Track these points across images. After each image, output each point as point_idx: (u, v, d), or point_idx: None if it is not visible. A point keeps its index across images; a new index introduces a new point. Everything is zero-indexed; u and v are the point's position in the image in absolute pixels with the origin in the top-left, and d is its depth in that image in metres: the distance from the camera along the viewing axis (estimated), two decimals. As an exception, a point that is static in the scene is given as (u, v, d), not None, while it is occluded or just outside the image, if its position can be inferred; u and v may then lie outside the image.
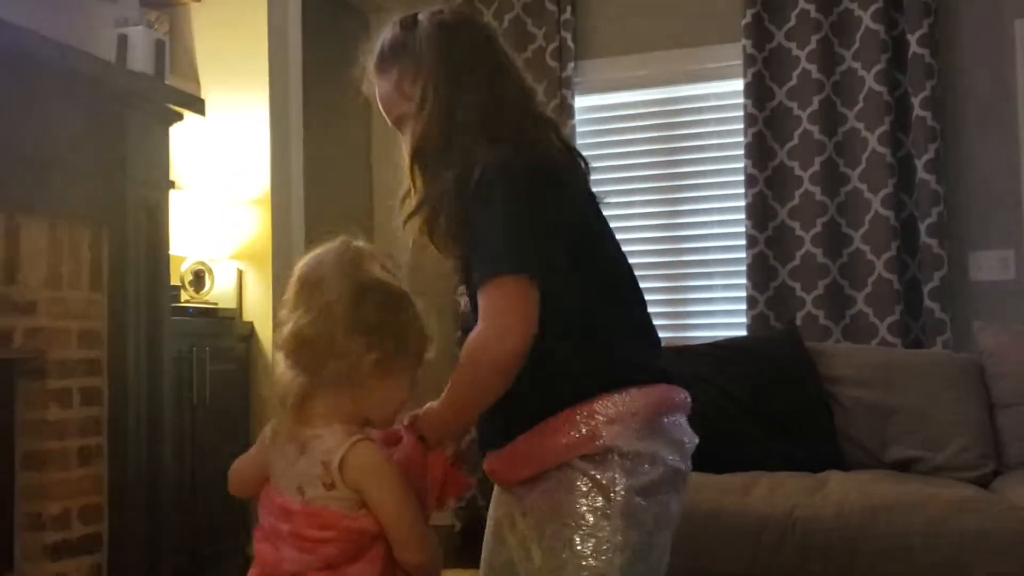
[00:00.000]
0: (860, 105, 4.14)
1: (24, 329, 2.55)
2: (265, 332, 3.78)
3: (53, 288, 2.65)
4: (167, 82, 3.02)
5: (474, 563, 1.71)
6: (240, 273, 3.80)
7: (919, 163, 4.00)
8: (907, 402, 3.01)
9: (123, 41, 2.84)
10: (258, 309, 3.79)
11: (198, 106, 3.11)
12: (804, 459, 2.90)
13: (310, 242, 4.22)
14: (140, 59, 2.86)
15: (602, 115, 4.61)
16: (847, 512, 2.43)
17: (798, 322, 4.14)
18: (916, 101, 4.01)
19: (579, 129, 4.52)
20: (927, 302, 3.96)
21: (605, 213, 1.59)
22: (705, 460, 1.65)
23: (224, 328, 3.61)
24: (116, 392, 2.80)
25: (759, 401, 2.99)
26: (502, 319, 1.36)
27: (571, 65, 4.48)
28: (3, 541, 2.63)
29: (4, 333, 2.50)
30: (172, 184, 3.03)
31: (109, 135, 2.80)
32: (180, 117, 3.04)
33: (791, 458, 2.90)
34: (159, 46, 2.92)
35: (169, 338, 2.98)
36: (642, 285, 1.64)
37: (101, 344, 2.79)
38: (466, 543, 4.38)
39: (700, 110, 4.49)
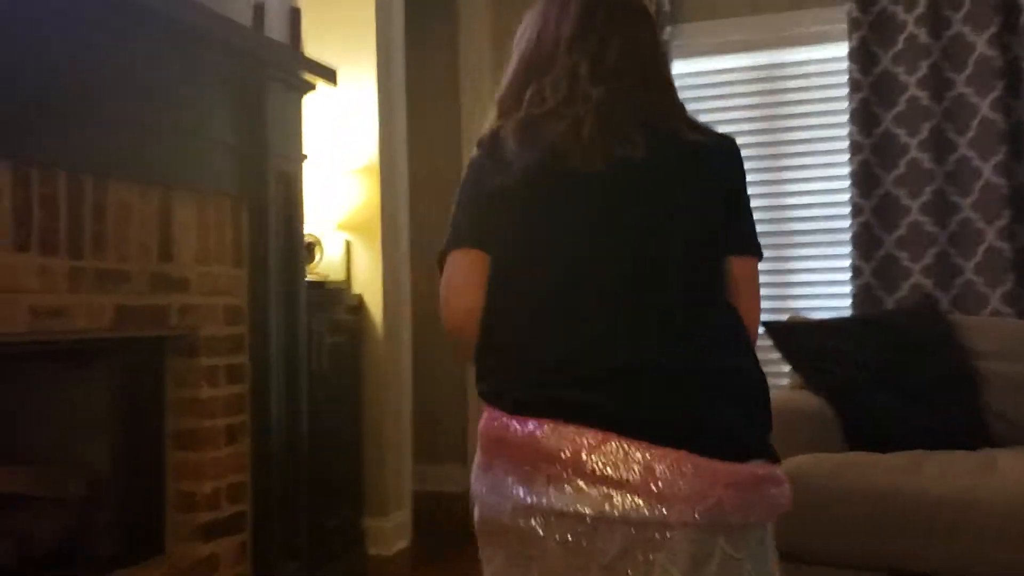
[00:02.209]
0: (970, 70, 4.04)
1: (179, 306, 2.50)
2: (374, 303, 3.73)
3: (203, 264, 2.60)
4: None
5: None
6: (348, 244, 3.74)
7: (1032, 129, 3.92)
8: (1053, 377, 2.96)
9: (259, 9, 2.76)
10: (366, 280, 3.74)
11: (330, 76, 3.03)
12: (952, 435, 2.85)
13: (414, 212, 4.21)
14: (276, 28, 2.78)
15: (701, 81, 4.52)
16: (1030, 494, 2.37)
17: (904, 292, 4.09)
18: (1029, 66, 3.91)
19: (681, 95, 4.41)
20: (1041, 272, 3.91)
21: None
22: (856, 437, 1.56)
23: (334, 300, 3.56)
24: (258, 369, 2.76)
25: (901, 375, 2.94)
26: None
27: (668, 29, 4.38)
28: (153, 522, 2.60)
29: (160, 310, 2.45)
30: (305, 157, 2.96)
31: (250, 106, 2.73)
32: (312, 87, 2.97)
33: (936, 434, 2.85)
34: (293, 14, 2.84)
35: (304, 314, 2.92)
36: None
37: (244, 320, 2.74)
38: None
39: (803, 75, 4.39)
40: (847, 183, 4.17)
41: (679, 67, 4.45)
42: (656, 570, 1.16)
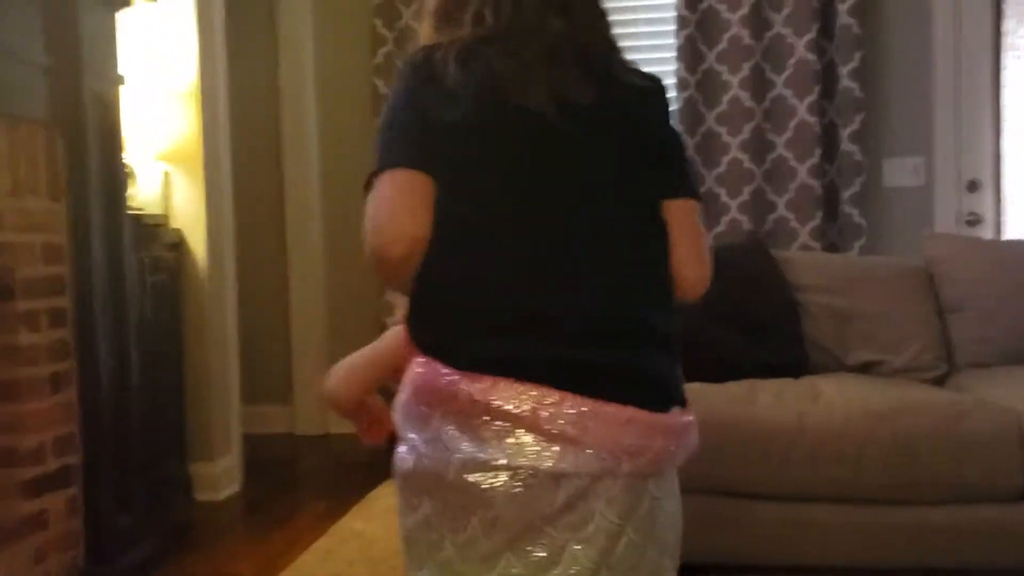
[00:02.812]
0: (788, 9, 4.18)
1: (-8, 245, 2.27)
2: (196, 239, 3.52)
3: (15, 198, 2.35)
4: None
5: None
6: (167, 176, 3.49)
7: (843, 70, 4.11)
8: (866, 308, 3.14)
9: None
10: (186, 215, 3.51)
11: (150, -10, 2.79)
12: (778, 365, 2.99)
13: (236, 142, 3.99)
14: (90, -65, 2.52)
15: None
16: (853, 418, 2.52)
17: (722, 227, 4.26)
18: (843, 7, 4.09)
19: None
20: (845, 207, 4.14)
21: None
22: (696, 369, 1.63)
23: (152, 236, 3.33)
24: (82, 312, 2.54)
25: (734, 309, 3.05)
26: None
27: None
28: (-30, 479, 2.38)
29: (-30, 250, 2.21)
30: (122, 79, 2.72)
31: (62, 21, 2.47)
32: (128, 2, 2.72)
33: (765, 364, 2.98)
34: (109, -79, 2.58)
35: (130, 251, 2.71)
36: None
37: (64, 259, 2.51)
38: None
39: (630, 9, 4.42)
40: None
41: None
42: (595, 516, 1.18)
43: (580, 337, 1.21)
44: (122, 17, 2.87)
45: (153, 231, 3.35)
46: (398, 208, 1.22)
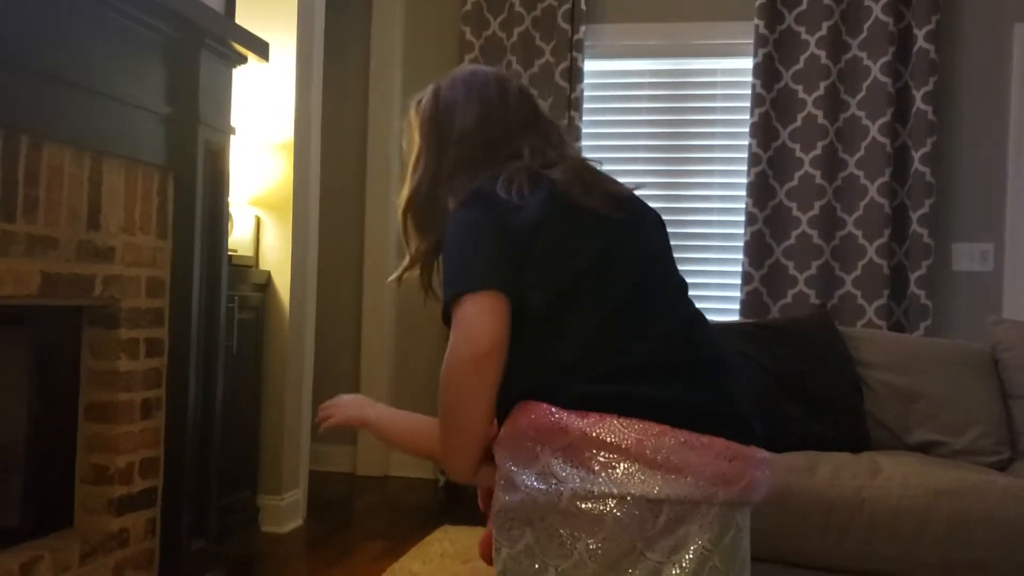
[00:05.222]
0: (863, 94, 4.28)
1: (104, 276, 2.44)
2: (281, 282, 3.69)
3: (129, 234, 2.53)
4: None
5: (459, 519, 1.77)
6: (258, 220, 3.68)
7: (915, 155, 4.18)
8: (930, 388, 3.18)
9: (196, -25, 2.69)
10: (274, 258, 3.70)
11: (263, 50, 2.98)
12: (838, 439, 3.04)
13: (323, 193, 4.18)
14: (210, -4, 2.72)
15: (611, 80, 4.63)
16: (911, 495, 2.56)
17: (788, 299, 4.32)
18: (918, 94, 4.17)
19: (587, 93, 4.53)
20: (912, 288, 4.18)
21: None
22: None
23: (242, 276, 3.51)
24: (176, 344, 2.71)
25: (798, 381, 3.11)
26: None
27: (583, 28, 4.47)
28: (64, 495, 2.53)
29: (86, 280, 2.38)
30: (233, 130, 2.91)
31: (182, 74, 2.67)
32: (244, 60, 2.92)
33: (827, 438, 3.03)
34: (229, -16, 2.79)
35: (225, 290, 2.88)
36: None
37: (165, 293, 2.69)
38: (451, 497, 4.44)
39: (708, 84, 4.55)
40: (743, 192, 4.35)
41: (590, 66, 4.55)
42: (689, 541, 1.31)
43: (666, 376, 1.37)
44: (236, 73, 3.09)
45: (244, 272, 3.53)
46: (483, 321, 1.38)
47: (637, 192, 1.60)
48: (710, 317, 1.61)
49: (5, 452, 2.44)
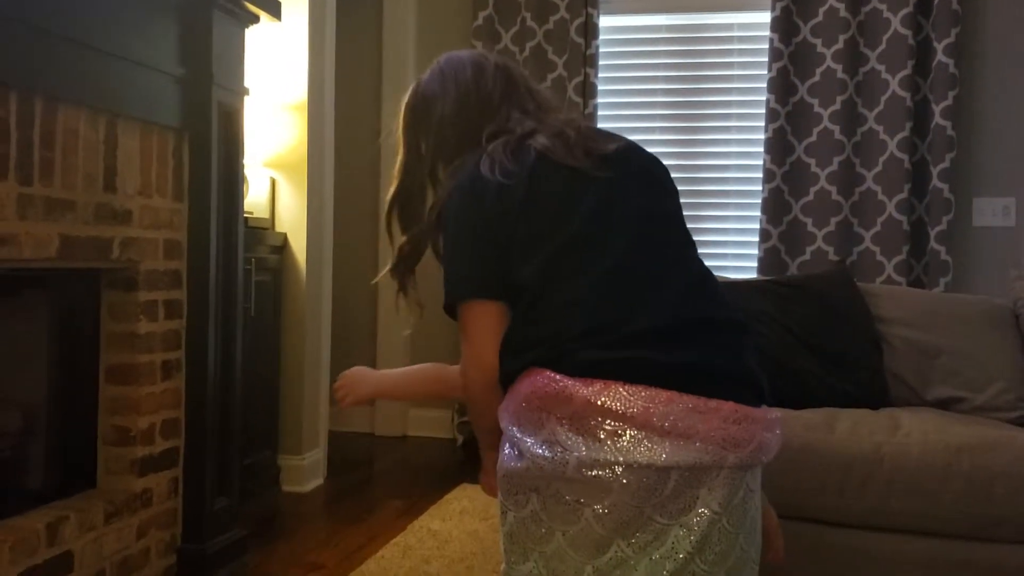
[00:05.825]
0: (883, 47, 4.22)
1: (121, 239, 2.44)
2: (298, 244, 3.69)
3: (145, 196, 2.53)
4: (248, -19, 2.86)
5: (477, 477, 1.79)
6: (273, 182, 3.68)
7: (936, 108, 4.13)
8: (950, 344, 3.16)
9: (207, -65, 2.67)
10: (290, 220, 3.69)
11: (275, 9, 2.96)
12: (857, 396, 3.03)
13: (338, 154, 4.18)
14: (223, -45, 2.69)
15: (626, 36, 4.58)
16: (931, 451, 2.56)
17: (807, 256, 4.30)
18: (939, 46, 4.11)
19: (603, 50, 4.48)
20: (932, 244, 4.15)
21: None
22: (775, 394, 1.70)
23: (258, 238, 3.51)
24: (195, 305, 2.71)
25: (816, 338, 3.10)
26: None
27: (597, -16, 4.42)
28: (87, 456, 2.55)
29: (104, 242, 2.38)
30: (247, 91, 2.90)
31: (195, 35, 2.65)
32: (257, 19, 2.90)
33: (846, 394, 3.02)
34: (241, -57, 2.75)
35: (241, 251, 2.88)
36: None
37: (182, 255, 2.69)
38: (468, 456, 4.46)
39: (725, 39, 4.50)
40: (761, 149, 4.31)
41: (606, 21, 4.50)
42: (698, 504, 1.31)
43: (672, 340, 1.36)
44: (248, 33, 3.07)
45: (260, 234, 3.53)
46: (489, 339, 1.46)
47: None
48: (727, 275, 1.62)
49: (28, 415, 2.46)
